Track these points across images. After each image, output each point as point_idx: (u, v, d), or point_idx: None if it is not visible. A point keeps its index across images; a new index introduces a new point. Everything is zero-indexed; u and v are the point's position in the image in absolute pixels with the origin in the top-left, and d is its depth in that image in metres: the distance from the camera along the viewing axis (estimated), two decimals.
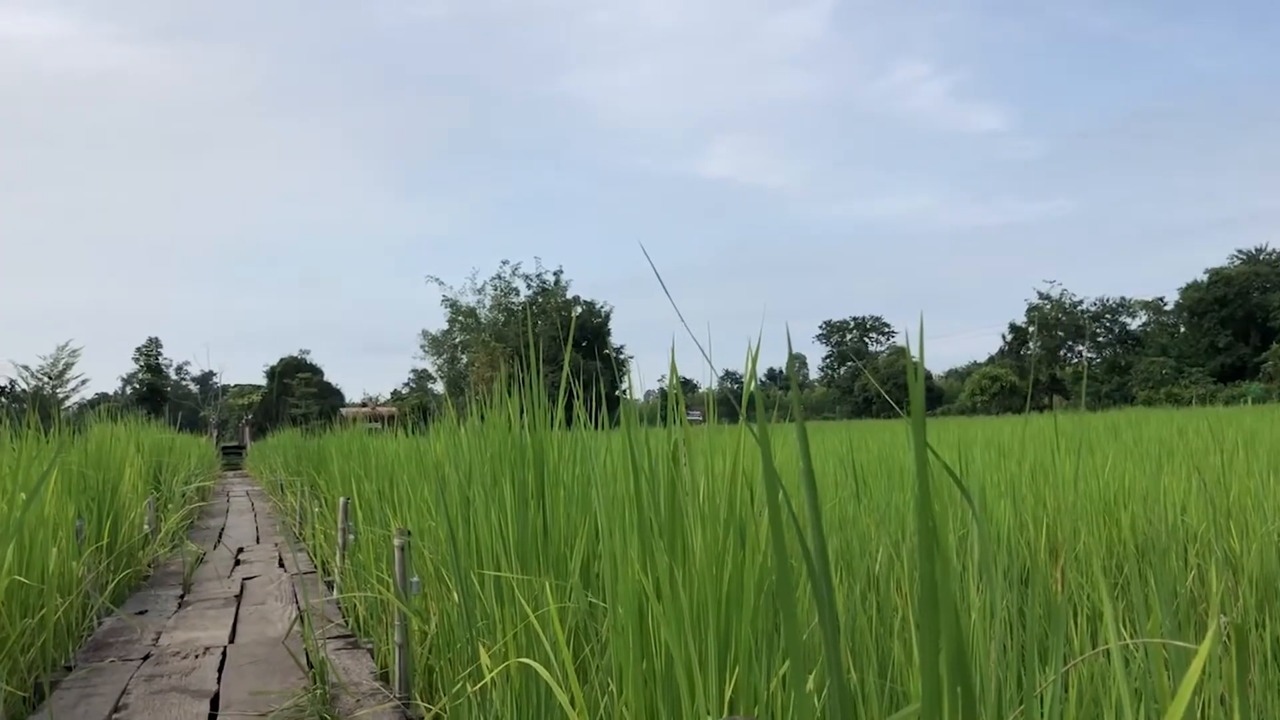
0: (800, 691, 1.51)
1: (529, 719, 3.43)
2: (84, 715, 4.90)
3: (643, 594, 2.60)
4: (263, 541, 12.88)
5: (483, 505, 4.18)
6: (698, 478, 2.64)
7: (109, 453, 9.44)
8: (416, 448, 7.63)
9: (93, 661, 6.07)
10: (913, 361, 1.46)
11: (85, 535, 7.35)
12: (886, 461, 9.43)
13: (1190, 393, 63.77)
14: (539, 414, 4.11)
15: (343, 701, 5.05)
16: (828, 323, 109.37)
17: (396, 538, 5.28)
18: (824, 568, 1.39)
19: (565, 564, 3.71)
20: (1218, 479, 5.86)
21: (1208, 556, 4.82)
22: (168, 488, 14.19)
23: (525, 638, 3.51)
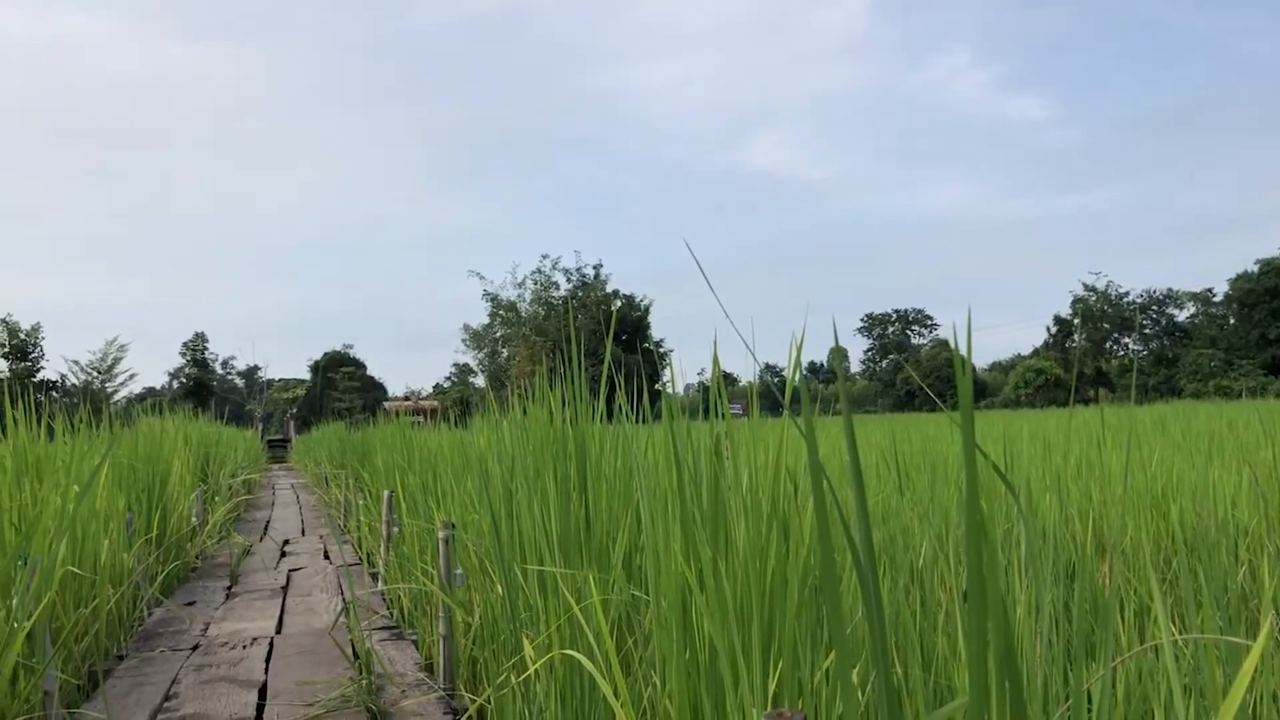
0: (847, 685, 1.51)
1: (572, 710, 3.45)
2: (136, 703, 4.99)
3: (686, 587, 2.60)
4: (308, 534, 13.03)
5: (525, 498, 4.20)
6: (740, 471, 2.63)
7: (158, 447, 9.59)
8: (459, 441, 7.69)
9: (143, 651, 6.18)
10: (959, 356, 1.45)
11: (135, 528, 7.47)
12: (930, 455, 9.35)
13: (1240, 385, 62.68)
14: (581, 407, 4.12)
15: (388, 692, 5.10)
16: (869, 315, 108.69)
17: (441, 530, 5.32)
18: (870, 561, 1.39)
19: (608, 556, 3.72)
20: (1269, 472, 5.76)
21: (1259, 552, 4.74)
22: (215, 481, 14.38)
23: (568, 629, 3.52)
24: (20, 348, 55.02)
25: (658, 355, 64.91)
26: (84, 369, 58.70)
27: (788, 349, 2.66)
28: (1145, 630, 4.08)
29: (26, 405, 6.30)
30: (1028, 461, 7.43)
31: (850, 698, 1.56)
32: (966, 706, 1.42)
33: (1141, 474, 6.48)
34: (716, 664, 2.49)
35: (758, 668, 2.30)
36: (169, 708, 4.96)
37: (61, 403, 45.46)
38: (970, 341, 1.50)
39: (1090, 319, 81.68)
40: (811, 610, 2.52)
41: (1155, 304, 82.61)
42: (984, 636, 1.39)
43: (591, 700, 3.39)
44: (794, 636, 2.36)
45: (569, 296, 67.38)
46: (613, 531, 3.84)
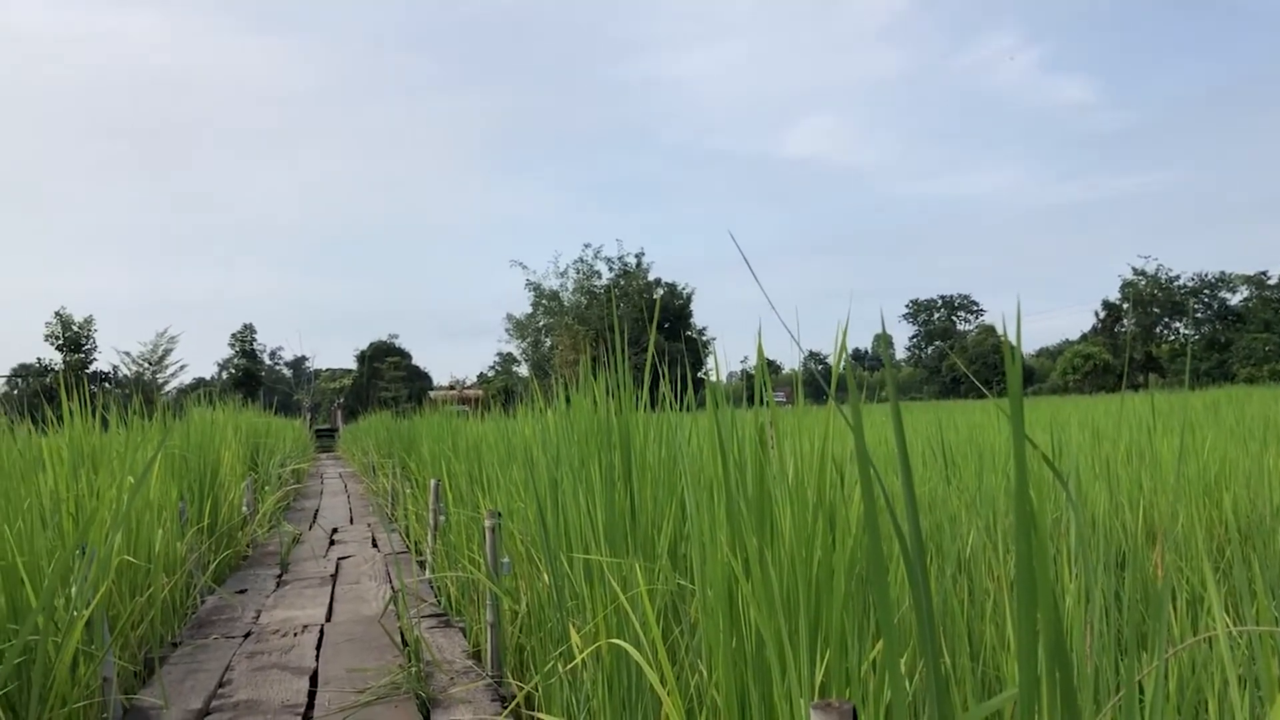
0: (895, 675, 1.50)
1: (619, 698, 3.47)
2: (191, 689, 5.09)
3: (732, 576, 2.60)
4: (356, 522, 13.18)
5: (571, 487, 4.22)
6: (786, 459, 2.63)
7: (209, 437, 9.74)
8: (504, 430, 7.73)
9: (197, 638, 6.29)
10: (1009, 343, 1.44)
11: (188, 517, 7.60)
12: (976, 443, 9.28)
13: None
14: (625, 396, 4.13)
15: (437, 679, 5.15)
16: (914, 302, 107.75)
17: (487, 519, 5.36)
18: (918, 551, 1.39)
19: (653, 545, 3.74)
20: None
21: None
22: (264, 470, 14.58)
23: (615, 618, 3.54)
24: (74, 340, 56.05)
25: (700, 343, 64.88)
26: (135, 360, 59.73)
27: (831, 336, 2.65)
28: (1198, 620, 4.03)
29: (81, 397, 6.42)
30: (1076, 448, 7.35)
31: (898, 688, 1.56)
32: (1017, 698, 1.42)
33: (1194, 461, 6.39)
34: (763, 653, 2.50)
35: (805, 657, 2.30)
36: (223, 694, 5.05)
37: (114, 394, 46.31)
38: (1020, 328, 1.49)
39: (1140, 303, 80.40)
40: (858, 600, 2.51)
41: (1207, 287, 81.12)
42: (1034, 627, 1.39)
43: (638, 689, 3.41)
44: (841, 626, 2.36)
45: (611, 285, 67.41)
46: (657, 520, 3.85)
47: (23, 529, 4.30)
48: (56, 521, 4.83)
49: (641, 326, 54.80)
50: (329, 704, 4.81)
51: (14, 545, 4.15)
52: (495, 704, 4.75)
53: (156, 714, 4.68)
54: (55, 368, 55.53)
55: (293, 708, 4.79)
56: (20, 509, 4.40)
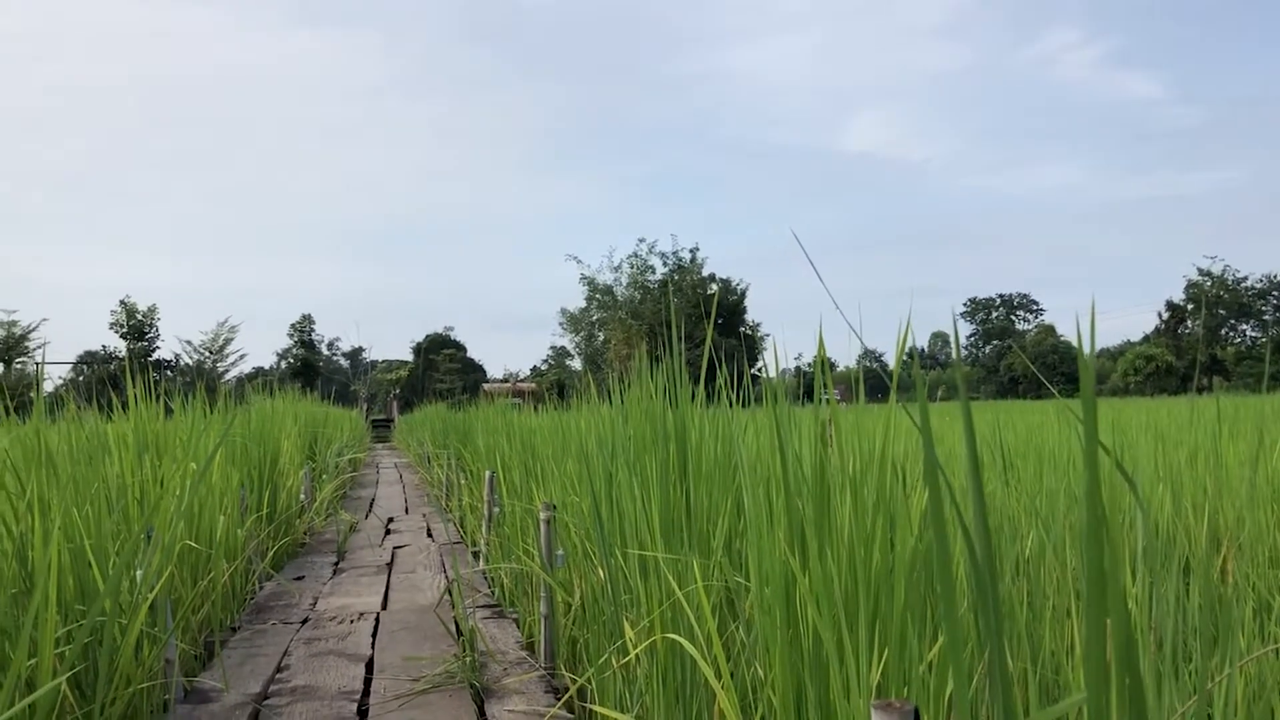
0: (960, 676, 1.48)
1: (673, 692, 3.47)
2: (250, 673, 5.17)
3: (790, 573, 2.59)
4: (411, 512, 13.31)
5: (626, 481, 4.22)
6: (846, 458, 2.61)
7: (269, 426, 9.89)
8: (558, 423, 7.76)
9: (255, 624, 6.39)
10: (1081, 343, 1.41)
11: (248, 504, 7.72)
12: (1035, 443, 9.15)
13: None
14: (681, 391, 4.12)
15: (490, 669, 5.19)
16: (972, 300, 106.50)
17: (542, 512, 5.39)
18: (987, 554, 1.36)
19: (708, 541, 3.73)
20: None
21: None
22: (322, 459, 14.77)
23: (669, 612, 3.54)
24: (138, 328, 57.17)
25: (755, 339, 64.58)
26: (197, 349, 60.72)
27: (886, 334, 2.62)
28: (1265, 629, 3.94)
29: (146, 384, 6.53)
30: (1139, 451, 7.22)
31: (962, 690, 1.54)
32: (1085, 702, 1.39)
33: (1263, 465, 6.25)
34: (820, 651, 2.48)
35: (864, 657, 2.28)
36: (280, 679, 5.12)
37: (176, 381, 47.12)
38: (1094, 328, 1.46)
39: (1205, 304, 78.72)
40: (916, 600, 2.48)
41: (1276, 289, 79.24)
42: (1102, 633, 1.36)
43: (692, 683, 3.40)
44: (901, 626, 2.34)
45: (665, 280, 67.36)
46: (712, 516, 3.84)
47: (90, 513, 4.39)
48: (122, 506, 4.93)
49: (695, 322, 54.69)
50: (384, 691, 4.87)
51: (82, 529, 4.24)
52: (548, 695, 4.78)
53: (217, 696, 4.76)
54: (119, 355, 56.70)
55: (349, 694, 4.85)
56: (88, 494, 4.50)
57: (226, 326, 61.40)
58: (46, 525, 3.81)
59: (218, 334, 61.19)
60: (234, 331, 61.52)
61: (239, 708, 4.60)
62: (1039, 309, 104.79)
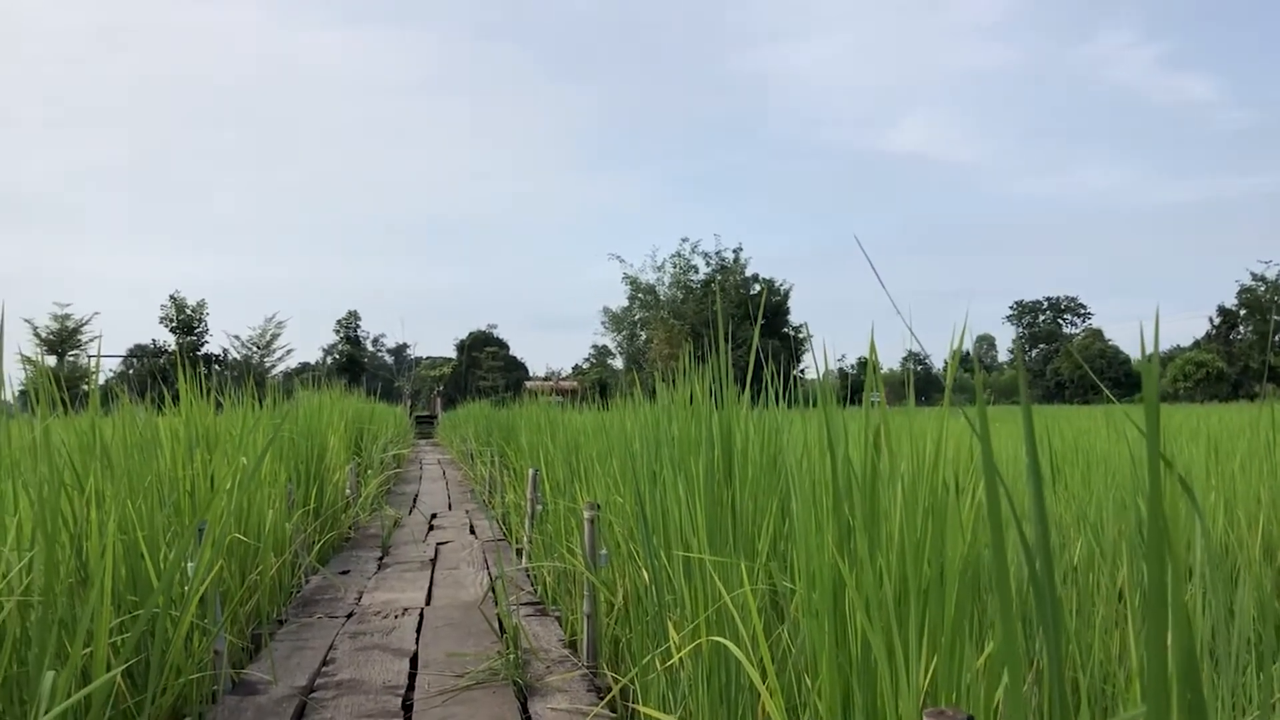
0: (1016, 685, 1.47)
1: (718, 694, 3.47)
2: (297, 666, 5.23)
3: (838, 577, 2.58)
4: (454, 509, 13.39)
5: (671, 482, 4.22)
6: (897, 461, 2.59)
7: (316, 421, 9.99)
8: (601, 423, 7.77)
9: (301, 617, 6.46)
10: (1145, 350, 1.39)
11: (294, 498, 7.81)
12: (1083, 449, 9.03)
13: None
14: (727, 392, 4.11)
15: (533, 667, 5.21)
16: (1019, 303, 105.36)
17: (586, 511, 5.40)
18: (1047, 564, 1.35)
19: (753, 543, 3.72)
20: None
21: None
22: (367, 455, 14.90)
23: (714, 614, 3.53)
24: (187, 323, 58.04)
25: (797, 340, 64.30)
26: (244, 344, 61.55)
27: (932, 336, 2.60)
28: None
29: (196, 378, 6.62)
30: (1190, 458, 7.10)
31: (1017, 699, 1.52)
32: (1146, 715, 1.37)
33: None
34: (869, 657, 2.47)
35: (915, 663, 2.26)
36: (326, 672, 5.18)
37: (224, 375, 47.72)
38: (1158, 335, 1.44)
39: (1258, 310, 77.30)
40: (967, 607, 2.46)
41: None
42: (1163, 648, 1.34)
43: (737, 685, 3.40)
44: (953, 632, 2.32)
45: (708, 280, 67.24)
46: (757, 518, 3.82)
47: (143, 506, 4.47)
48: (174, 500, 5.00)
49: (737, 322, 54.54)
50: (429, 686, 4.90)
51: (135, 521, 4.31)
52: (591, 694, 4.79)
53: (264, 688, 4.82)
54: (169, 349, 57.56)
55: (394, 688, 4.89)
56: (141, 487, 4.57)
57: (274, 322, 62.21)
58: (102, 518, 3.88)
59: (265, 329, 62.00)
60: (281, 327, 62.35)
61: (286, 700, 4.65)
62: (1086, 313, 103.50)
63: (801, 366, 57.78)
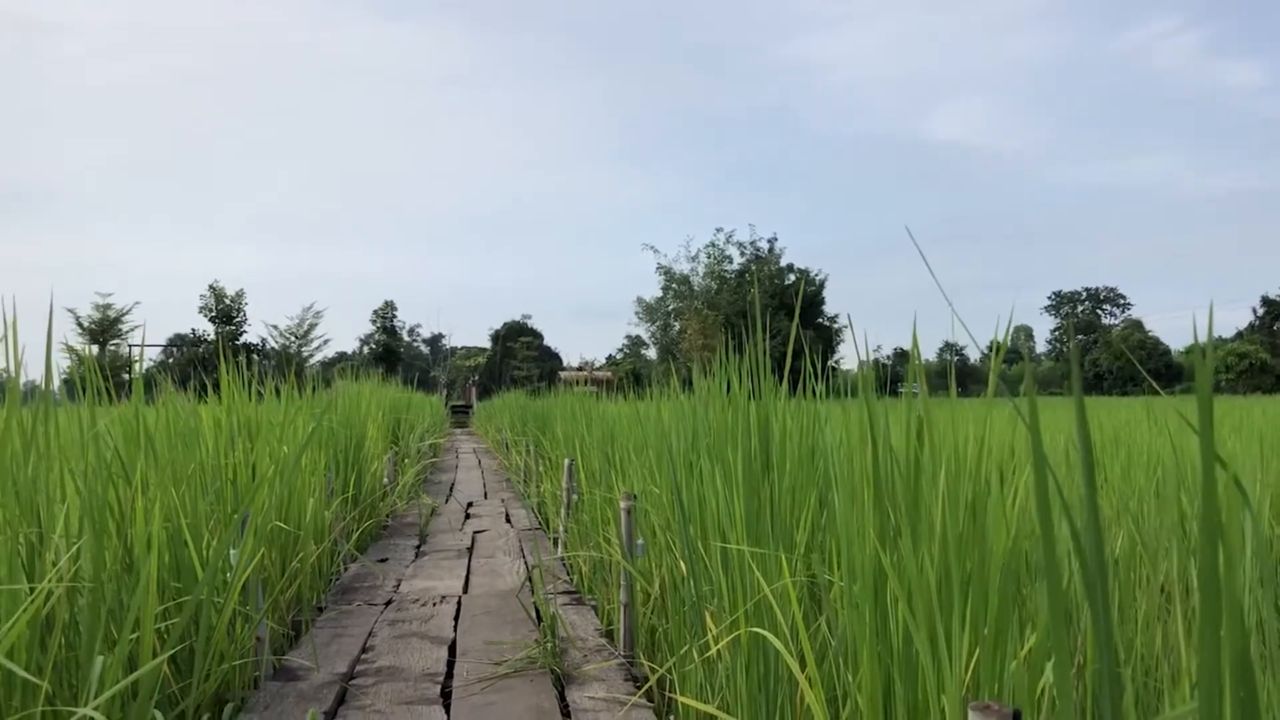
0: (1064, 678, 1.46)
1: (756, 684, 3.46)
2: (337, 653, 5.28)
3: (879, 570, 2.57)
4: (490, 497, 13.46)
5: (709, 473, 4.22)
6: (940, 453, 2.57)
7: (355, 410, 10.07)
8: (637, 413, 7.78)
9: (341, 604, 6.52)
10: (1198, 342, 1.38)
11: (334, 487, 7.88)
12: (1123, 441, 8.94)
13: None
14: (765, 383, 4.10)
15: (570, 655, 5.23)
16: (1057, 293, 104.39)
17: (623, 501, 5.41)
18: (1098, 557, 1.34)
19: (791, 535, 3.71)
20: None
21: None
22: (405, 443, 15.01)
23: (752, 606, 3.53)
24: (226, 312, 58.63)
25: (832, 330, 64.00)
26: (283, 334, 62.08)
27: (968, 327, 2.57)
28: None
29: (237, 368, 6.68)
30: (1232, 451, 7.01)
31: (1066, 691, 1.51)
32: (1197, 712, 1.36)
33: None
34: (911, 649, 2.46)
35: (959, 656, 2.25)
36: (366, 659, 5.23)
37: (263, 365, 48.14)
38: (1211, 325, 1.42)
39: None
40: (1009, 599, 2.45)
41: None
42: (1217, 646, 1.33)
43: (776, 676, 3.39)
44: (997, 624, 2.30)
45: (742, 270, 67.02)
46: (795, 510, 3.82)
47: (186, 494, 4.52)
48: (216, 488, 5.06)
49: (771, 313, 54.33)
50: (467, 674, 4.94)
51: (179, 509, 4.37)
52: (628, 683, 4.80)
53: (305, 675, 4.87)
54: (208, 338, 58.19)
55: (432, 676, 4.92)
56: (184, 475, 4.63)
57: (311, 312, 62.69)
58: (148, 506, 3.93)
59: (303, 319, 62.50)
60: (318, 317, 62.79)
61: (326, 686, 4.70)
62: (1126, 303, 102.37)
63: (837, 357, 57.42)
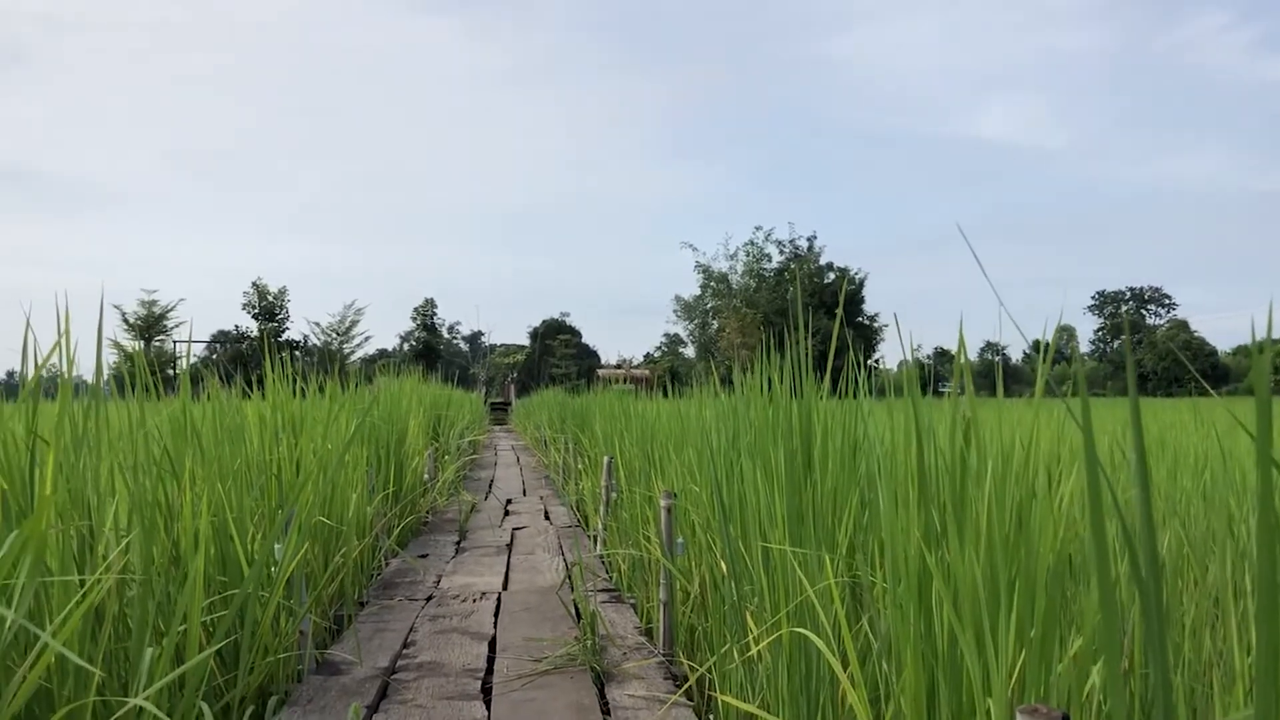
0: (1115, 682, 1.44)
1: (798, 683, 3.45)
2: (378, 648, 5.33)
3: (924, 571, 2.55)
4: (529, 494, 13.51)
5: (750, 473, 4.21)
6: (986, 454, 2.55)
7: (397, 407, 10.14)
8: (677, 411, 7.77)
9: (382, 599, 6.58)
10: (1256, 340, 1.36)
11: (375, 483, 7.94)
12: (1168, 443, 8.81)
13: None
14: (807, 382, 4.09)
15: (610, 653, 5.24)
16: (1101, 293, 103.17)
17: (663, 500, 5.41)
18: (1152, 562, 1.32)
19: (833, 535, 3.69)
20: None
21: None
22: (445, 440, 15.09)
23: (795, 606, 3.52)
24: (269, 309, 59.19)
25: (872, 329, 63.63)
26: (324, 330, 62.58)
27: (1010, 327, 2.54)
28: None
29: (281, 364, 6.75)
30: None
31: (1118, 693, 1.50)
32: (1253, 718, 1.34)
33: None
34: (955, 651, 2.44)
35: (1005, 658, 2.23)
36: (407, 654, 5.27)
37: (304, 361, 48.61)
38: (1270, 325, 1.40)
39: None
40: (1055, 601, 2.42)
41: None
42: (1276, 648, 1.31)
43: (818, 676, 3.38)
44: (1044, 627, 2.28)
45: (781, 269, 66.78)
46: (837, 510, 3.80)
47: (232, 489, 4.58)
48: (262, 483, 5.12)
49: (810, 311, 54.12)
50: (507, 670, 4.96)
51: (225, 503, 4.43)
52: (668, 681, 4.80)
53: (347, 669, 4.92)
54: (251, 335, 58.81)
55: (473, 671, 4.96)
56: (230, 470, 4.69)
57: (353, 309, 63.11)
58: (195, 501, 3.99)
59: (344, 316, 62.93)
60: (360, 314, 63.20)
61: (368, 680, 4.74)
62: (1171, 303, 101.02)
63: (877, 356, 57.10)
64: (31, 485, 3.34)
